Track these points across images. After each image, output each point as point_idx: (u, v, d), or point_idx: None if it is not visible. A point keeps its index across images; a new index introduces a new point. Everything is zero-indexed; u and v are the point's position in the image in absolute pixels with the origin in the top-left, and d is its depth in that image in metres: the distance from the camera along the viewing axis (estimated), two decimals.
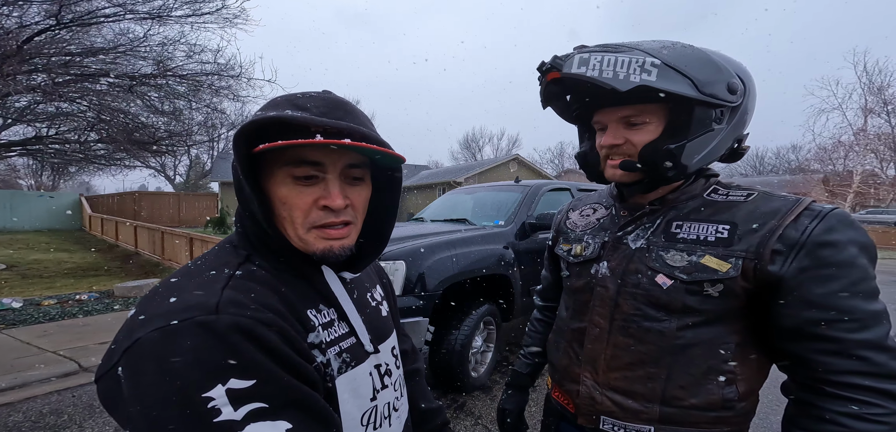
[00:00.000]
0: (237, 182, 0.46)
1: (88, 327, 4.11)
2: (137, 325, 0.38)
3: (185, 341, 0.36)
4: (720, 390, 0.60)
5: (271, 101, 0.48)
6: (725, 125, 0.62)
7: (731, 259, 0.58)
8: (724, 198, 0.64)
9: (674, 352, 0.62)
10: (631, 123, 0.64)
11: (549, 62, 0.63)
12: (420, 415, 0.70)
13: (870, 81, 20.00)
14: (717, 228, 0.61)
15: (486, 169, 20.09)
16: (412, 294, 2.29)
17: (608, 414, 0.68)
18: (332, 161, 0.46)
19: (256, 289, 0.42)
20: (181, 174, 29.13)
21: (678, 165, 0.62)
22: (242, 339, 0.37)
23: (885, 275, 8.59)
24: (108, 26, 8.17)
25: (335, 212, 0.47)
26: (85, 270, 7.72)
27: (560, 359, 0.78)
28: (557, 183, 3.71)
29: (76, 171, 18.97)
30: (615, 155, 0.66)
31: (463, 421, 2.31)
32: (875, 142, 20.26)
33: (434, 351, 2.53)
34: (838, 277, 0.52)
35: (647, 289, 0.64)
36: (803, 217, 0.55)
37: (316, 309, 0.48)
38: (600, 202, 0.82)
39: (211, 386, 0.35)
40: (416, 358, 0.77)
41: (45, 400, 2.58)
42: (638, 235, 0.68)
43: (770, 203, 0.60)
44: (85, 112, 9.09)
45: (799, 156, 25.93)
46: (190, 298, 0.39)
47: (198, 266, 0.46)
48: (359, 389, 0.50)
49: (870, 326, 0.51)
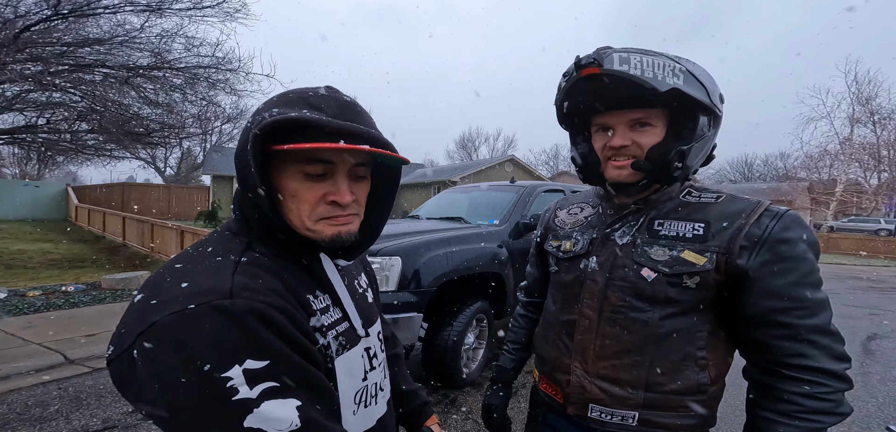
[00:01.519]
0: (243, 172, 0.47)
1: (74, 319, 4.04)
2: (151, 309, 0.39)
3: (203, 324, 0.37)
4: (696, 375, 0.66)
5: (283, 97, 0.49)
6: (713, 132, 0.69)
7: (707, 253, 0.64)
8: (697, 200, 0.71)
9: (656, 340, 0.67)
10: (640, 125, 0.68)
11: (587, 57, 0.64)
12: (402, 396, 0.74)
13: (859, 91, 20.47)
14: (693, 226, 0.67)
15: (482, 169, 20.14)
16: (407, 290, 2.31)
17: (597, 402, 0.71)
18: (343, 160, 0.50)
19: (263, 275, 0.44)
20: (172, 166, 28.67)
21: (685, 166, 0.67)
22: (257, 322, 0.39)
23: (866, 282, 8.85)
24: (105, 17, 8.02)
25: (343, 207, 0.50)
26: (70, 261, 7.56)
27: (549, 351, 0.81)
28: (552, 184, 3.76)
29: (64, 161, 18.56)
30: (621, 156, 0.69)
31: (453, 415, 2.32)
32: (860, 151, 20.79)
33: (427, 346, 2.55)
34: (793, 270, 0.59)
35: (633, 282, 0.69)
36: (764, 216, 0.63)
37: (313, 295, 0.51)
38: (587, 202, 0.86)
39: (229, 367, 0.36)
40: (397, 344, 0.81)
41: (31, 392, 2.53)
42: (624, 232, 0.73)
43: (736, 204, 0.67)
44: (77, 102, 8.90)
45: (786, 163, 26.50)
46: (203, 283, 0.40)
47: (200, 253, 0.47)
48: (353, 370, 0.53)
49: (816, 313, 0.59)
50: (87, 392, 2.56)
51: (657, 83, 0.61)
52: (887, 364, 3.44)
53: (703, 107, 0.64)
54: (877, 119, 20.61)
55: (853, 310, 5.64)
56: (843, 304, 6.08)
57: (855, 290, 7.51)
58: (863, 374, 3.18)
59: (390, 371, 0.71)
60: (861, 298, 6.75)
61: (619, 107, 0.68)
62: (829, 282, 8.36)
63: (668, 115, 0.67)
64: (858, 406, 2.63)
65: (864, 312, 5.48)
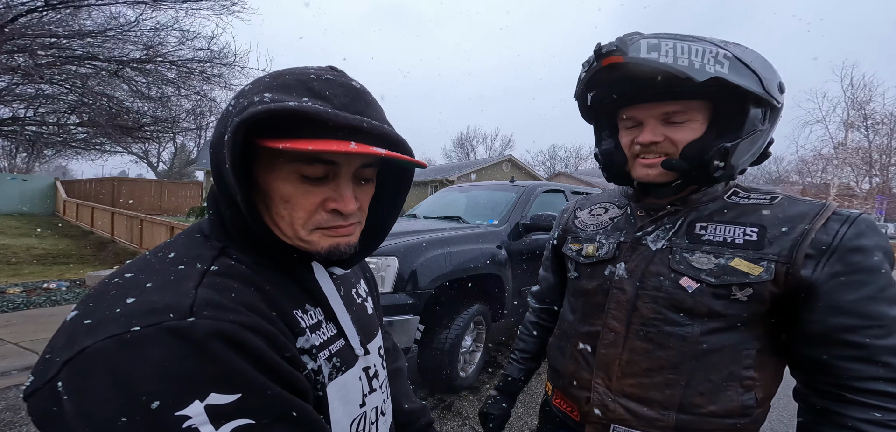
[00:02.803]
0: (218, 167, 0.39)
1: (55, 318, 3.89)
2: (83, 331, 0.31)
3: (151, 351, 0.30)
4: (740, 397, 0.59)
5: (278, 78, 0.40)
6: (769, 125, 0.61)
7: (763, 262, 0.56)
8: (746, 200, 0.63)
9: (696, 358, 0.60)
10: (672, 121, 0.60)
11: (609, 44, 0.57)
12: (404, 416, 0.66)
13: (854, 95, 20.75)
14: (744, 231, 0.59)
15: (480, 168, 20.12)
16: (404, 291, 2.23)
17: (620, 422, 0.64)
18: (348, 161, 0.42)
19: (236, 287, 0.37)
20: (165, 161, 28.30)
21: (728, 166, 0.59)
22: (224, 347, 0.32)
23: None
24: (98, 9, 7.84)
25: (344, 217, 0.43)
26: (55, 257, 7.36)
27: (566, 365, 0.73)
28: (552, 184, 3.71)
29: (53, 155, 18.21)
30: (650, 153, 0.62)
31: (450, 422, 2.25)
32: (853, 156, 21.09)
33: (423, 349, 2.47)
34: (868, 283, 0.52)
35: (669, 292, 0.61)
36: (833, 221, 0.55)
37: (302, 309, 0.43)
38: (612, 201, 0.78)
39: (187, 403, 0.30)
40: (398, 356, 0.72)
41: (2, 396, 2.40)
42: (658, 236, 0.65)
43: (797, 206, 0.59)
44: (66, 94, 8.71)
45: (780, 167, 26.77)
46: (154, 299, 0.33)
47: (160, 258, 0.38)
48: (348, 395, 0.46)
49: (894, 332, 0.51)
50: None
51: (694, 72, 0.53)
52: None
53: (755, 98, 0.56)
54: (870, 124, 20.93)
55: None
56: None
57: None
58: None
59: (391, 386, 0.63)
60: None
61: (651, 99, 0.60)
62: None
63: (712, 108, 0.59)
64: None
65: None
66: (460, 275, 2.49)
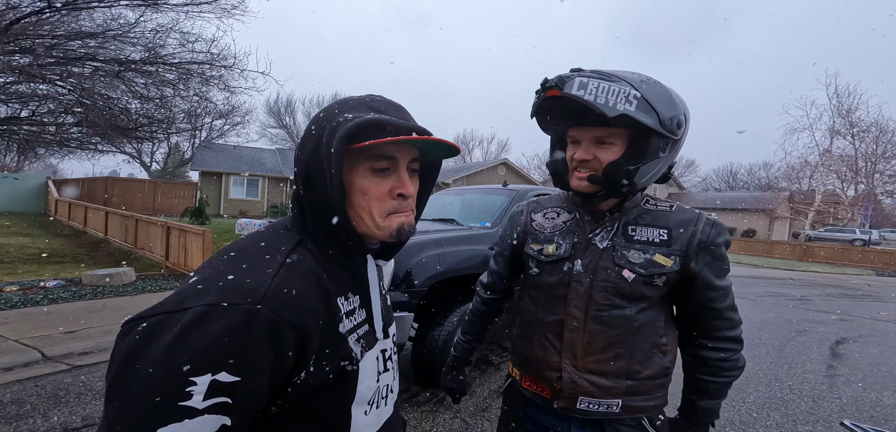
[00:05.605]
0: (311, 176, 0.48)
1: (53, 315, 3.92)
2: (193, 293, 0.39)
3: (230, 319, 0.37)
4: (661, 360, 0.78)
5: (345, 104, 0.52)
6: (667, 154, 0.75)
7: (672, 256, 0.75)
8: (655, 208, 0.81)
9: (632, 333, 0.76)
10: (602, 142, 0.74)
11: (552, 80, 0.72)
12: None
13: (839, 103, 21.16)
14: (658, 232, 0.77)
15: (475, 171, 20.20)
16: (399, 289, 2.31)
17: (586, 394, 0.78)
18: (403, 155, 0.53)
19: (299, 283, 0.44)
20: (158, 161, 27.97)
21: (632, 184, 0.73)
22: (263, 340, 0.39)
23: (838, 289, 9.17)
24: (99, 11, 7.83)
25: (407, 200, 0.54)
26: (49, 256, 7.32)
27: (534, 351, 0.84)
28: (543, 188, 3.79)
29: (45, 153, 17.94)
30: (583, 168, 0.76)
31: (442, 415, 2.34)
32: (838, 163, 21.51)
33: (417, 346, 2.56)
34: (721, 267, 0.77)
35: (615, 282, 0.76)
36: (705, 225, 0.76)
37: (345, 297, 0.51)
38: (561, 206, 0.90)
39: (204, 373, 0.36)
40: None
41: (6, 390, 2.45)
42: (603, 237, 0.80)
43: (684, 214, 0.79)
44: (64, 95, 8.64)
45: (769, 173, 27.26)
46: (246, 281, 0.41)
47: (254, 243, 0.48)
48: (369, 372, 0.54)
49: (728, 296, 0.78)
50: (66, 389, 2.49)
51: (606, 109, 0.67)
52: (853, 367, 3.57)
53: (655, 132, 0.70)
54: (855, 132, 21.34)
55: (824, 316, 5.82)
56: (816, 310, 6.26)
57: (828, 297, 7.76)
58: (830, 377, 3.30)
59: None
60: (833, 304, 6.98)
61: (588, 124, 0.74)
62: (805, 289, 8.71)
63: (630, 135, 0.73)
64: (823, 405, 2.74)
65: (834, 318, 5.65)
66: (453, 275, 2.58)
